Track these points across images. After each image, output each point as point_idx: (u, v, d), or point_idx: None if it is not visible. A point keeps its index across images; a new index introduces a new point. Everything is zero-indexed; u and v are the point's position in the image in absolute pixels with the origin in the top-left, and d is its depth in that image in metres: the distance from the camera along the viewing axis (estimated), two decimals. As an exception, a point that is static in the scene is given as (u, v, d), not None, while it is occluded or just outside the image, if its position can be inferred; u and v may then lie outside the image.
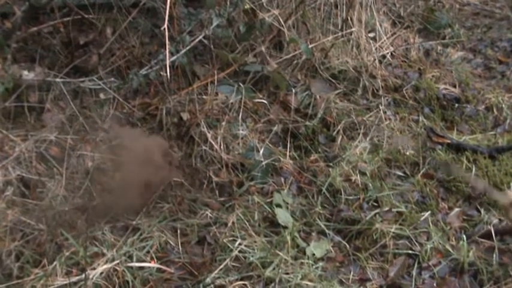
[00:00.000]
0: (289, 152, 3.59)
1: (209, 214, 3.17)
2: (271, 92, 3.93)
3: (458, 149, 3.74)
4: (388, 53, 4.46)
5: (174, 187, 3.30)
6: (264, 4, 4.04)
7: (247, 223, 3.11)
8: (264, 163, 3.40)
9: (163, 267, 2.89)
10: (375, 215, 3.23)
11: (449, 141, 3.79)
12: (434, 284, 2.93)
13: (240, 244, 2.98)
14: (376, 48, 4.39)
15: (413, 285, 2.92)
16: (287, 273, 2.85)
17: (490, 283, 2.90)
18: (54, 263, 2.77)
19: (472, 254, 3.02)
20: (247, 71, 3.90)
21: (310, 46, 4.07)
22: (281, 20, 4.01)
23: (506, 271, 2.94)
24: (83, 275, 2.70)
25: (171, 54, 3.57)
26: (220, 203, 3.27)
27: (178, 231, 3.08)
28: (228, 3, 3.82)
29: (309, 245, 3.07)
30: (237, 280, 2.83)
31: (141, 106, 3.75)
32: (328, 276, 2.92)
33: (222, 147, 3.44)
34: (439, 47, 4.83)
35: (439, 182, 3.54)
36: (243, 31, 3.95)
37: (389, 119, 3.93)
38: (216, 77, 3.72)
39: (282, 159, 3.52)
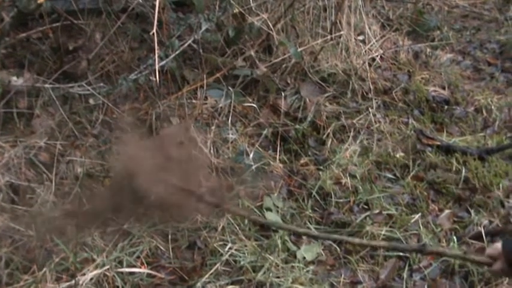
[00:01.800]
0: (279, 155, 3.59)
1: (199, 219, 3.17)
2: (261, 96, 3.94)
3: (448, 150, 3.75)
4: (377, 55, 4.47)
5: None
6: (253, 8, 4.04)
7: (237, 227, 3.11)
8: (253, 167, 3.40)
9: (154, 272, 2.89)
10: (365, 217, 3.23)
11: (439, 143, 3.80)
12: (425, 286, 2.94)
13: (230, 248, 2.98)
14: (365, 51, 4.40)
15: (404, 287, 2.92)
16: (278, 277, 2.85)
17: (480, 284, 2.91)
18: (44, 269, 2.76)
19: (462, 256, 3.02)
20: (236, 75, 3.90)
21: (299, 49, 4.07)
22: (270, 23, 4.00)
23: (497, 272, 2.94)
24: (73, 281, 2.70)
25: (160, 59, 3.56)
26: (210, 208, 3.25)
27: (169, 236, 3.08)
28: (217, 7, 3.82)
29: (299, 248, 3.07)
30: (227, 284, 2.84)
31: (130, 111, 3.74)
32: (319, 280, 2.92)
33: (211, 151, 3.44)
34: (428, 50, 4.84)
35: (429, 184, 3.55)
36: (232, 35, 3.95)
37: (379, 121, 3.93)
38: (205, 81, 3.72)
39: (271, 162, 3.52)
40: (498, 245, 2.11)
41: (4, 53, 3.67)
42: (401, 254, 3.07)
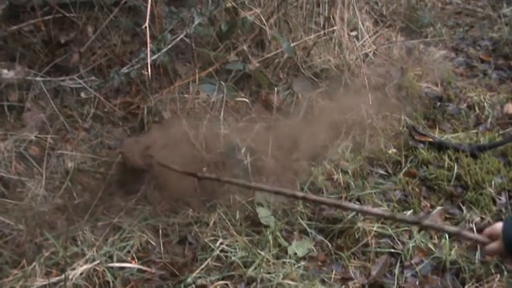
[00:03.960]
0: (271, 150, 3.57)
1: (190, 213, 3.16)
2: (253, 91, 3.93)
3: (440, 147, 3.75)
4: (370, 51, 4.46)
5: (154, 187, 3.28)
6: (246, 2, 4.03)
7: (228, 222, 3.10)
8: (245, 162, 3.38)
9: (144, 268, 2.88)
10: (356, 213, 3.22)
11: (431, 139, 3.80)
12: (417, 283, 2.93)
13: (221, 244, 2.97)
14: (358, 47, 4.39)
15: (396, 284, 2.92)
16: (269, 273, 2.84)
17: (472, 281, 2.91)
18: (34, 263, 2.75)
19: (454, 253, 3.02)
20: (229, 69, 3.88)
21: (292, 45, 4.06)
22: (263, 18, 3.99)
23: (488, 269, 2.94)
24: (63, 276, 2.68)
25: (153, 52, 3.55)
26: (202, 202, 3.25)
27: (160, 230, 3.07)
28: (210, 1, 3.81)
29: (290, 244, 3.06)
30: (218, 280, 2.82)
31: (122, 105, 3.73)
32: (310, 276, 2.91)
33: (203, 146, 3.42)
34: (422, 46, 4.84)
35: (421, 180, 3.55)
36: (225, 30, 3.93)
37: (372, 117, 3.92)
38: (197, 76, 3.70)
39: (263, 158, 3.50)
40: (498, 225, 2.10)
41: (-5, 45, 3.66)
42: (392, 250, 3.07)
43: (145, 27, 2.89)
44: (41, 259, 2.77)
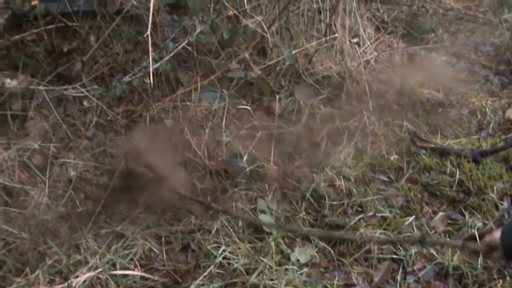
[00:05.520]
0: (273, 158, 3.58)
1: (193, 221, 3.17)
2: (255, 98, 3.94)
3: (442, 153, 3.75)
4: (371, 58, 4.47)
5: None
6: (248, 10, 4.04)
7: (231, 230, 3.11)
8: (247, 169, 3.39)
9: (147, 275, 2.88)
10: (359, 220, 3.24)
11: (433, 145, 3.80)
12: (419, 289, 2.94)
13: (224, 251, 2.98)
14: (359, 54, 4.40)
15: (398, 289, 2.92)
16: (271, 280, 2.85)
17: (474, 287, 2.92)
18: (37, 271, 2.75)
19: (456, 258, 3.02)
20: (230, 77, 3.89)
21: (293, 52, 4.06)
22: (264, 26, 4.00)
23: (491, 275, 2.95)
24: (66, 284, 2.69)
25: (155, 61, 3.55)
26: (204, 210, 3.25)
27: (163, 238, 3.08)
28: (212, 9, 3.82)
29: (293, 250, 3.07)
30: (221, 287, 2.83)
31: (124, 113, 3.74)
32: (313, 282, 2.91)
33: (205, 153, 3.43)
34: (423, 52, 4.85)
35: (423, 186, 3.55)
36: (227, 37, 3.94)
37: (374, 124, 3.93)
38: (199, 84, 3.71)
39: (265, 165, 3.51)
40: (496, 234, 2.10)
41: (-2, 54, 3.67)
42: (395, 256, 3.07)
43: (147, 35, 2.90)
44: (44, 267, 2.77)
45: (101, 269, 2.80)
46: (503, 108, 4.25)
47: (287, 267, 2.95)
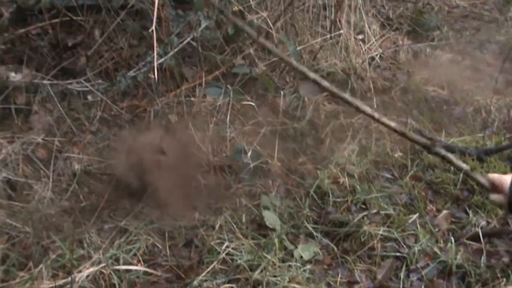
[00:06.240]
0: (277, 154, 3.58)
1: (196, 217, 3.16)
2: (260, 94, 3.93)
3: (446, 151, 3.74)
4: (376, 55, 4.47)
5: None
6: (253, 6, 4.04)
7: (234, 226, 3.10)
8: (251, 165, 3.39)
9: (150, 270, 2.88)
10: (362, 217, 3.22)
11: (437, 143, 3.79)
12: (422, 287, 2.92)
13: (227, 247, 2.97)
14: (364, 50, 4.39)
15: (401, 287, 2.91)
16: (275, 276, 2.84)
17: (477, 285, 2.90)
18: (40, 266, 2.75)
19: (460, 256, 3.01)
20: (235, 73, 3.89)
21: (298, 48, 4.06)
22: (270, 22, 3.99)
23: (494, 273, 2.93)
24: (69, 278, 2.68)
25: (159, 56, 3.55)
26: (208, 206, 3.25)
27: (166, 233, 3.07)
28: (216, 5, 3.81)
29: (296, 247, 3.06)
30: (224, 283, 2.82)
31: (129, 108, 3.74)
32: (316, 279, 2.91)
33: (209, 149, 3.43)
34: (428, 49, 4.84)
35: (427, 184, 3.54)
36: (232, 33, 3.93)
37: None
38: (204, 79, 3.72)
39: (269, 161, 3.51)
40: (507, 178, 2.05)
41: (3, 48, 3.67)
42: (398, 254, 3.07)
43: (152, 30, 2.90)
44: (48, 261, 2.78)
45: (104, 264, 2.80)
46: (508, 106, 4.24)
47: (290, 263, 2.94)
